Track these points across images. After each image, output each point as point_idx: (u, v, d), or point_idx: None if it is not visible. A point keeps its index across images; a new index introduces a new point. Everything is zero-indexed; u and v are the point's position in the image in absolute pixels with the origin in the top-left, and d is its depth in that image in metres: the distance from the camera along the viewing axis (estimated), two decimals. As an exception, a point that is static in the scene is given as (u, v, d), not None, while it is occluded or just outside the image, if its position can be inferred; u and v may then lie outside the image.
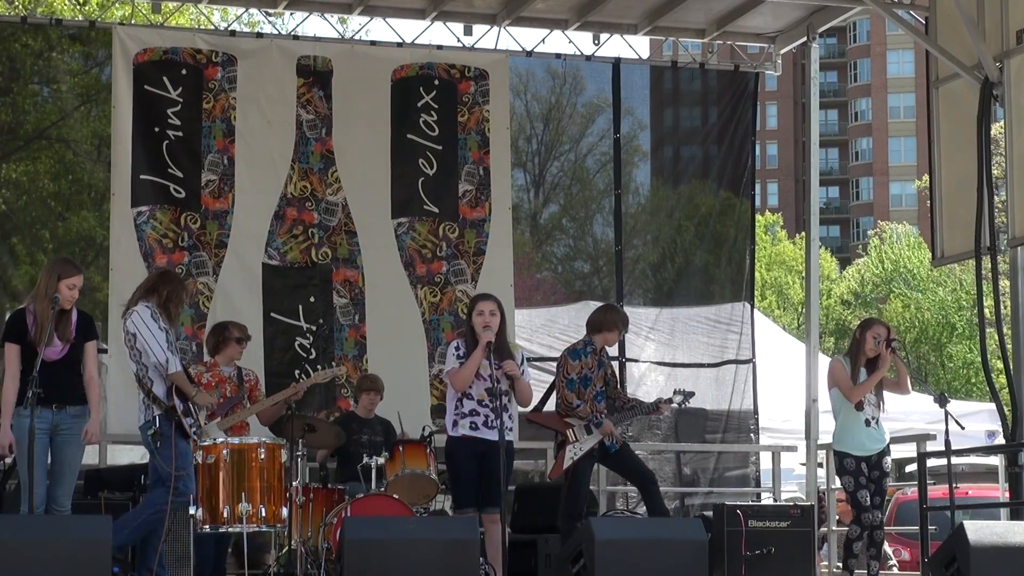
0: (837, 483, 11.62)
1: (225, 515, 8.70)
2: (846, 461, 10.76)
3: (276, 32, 13.97)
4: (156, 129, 12.83)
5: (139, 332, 9.14)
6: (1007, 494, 12.30)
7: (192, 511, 8.75)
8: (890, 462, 10.80)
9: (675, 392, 11.07)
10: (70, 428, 8.96)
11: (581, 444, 10.44)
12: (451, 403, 9.72)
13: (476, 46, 13.84)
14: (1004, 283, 16.02)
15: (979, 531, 9.24)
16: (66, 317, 8.99)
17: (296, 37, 13.77)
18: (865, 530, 10.65)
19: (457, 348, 9.71)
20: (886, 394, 10.99)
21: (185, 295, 9.49)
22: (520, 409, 10.46)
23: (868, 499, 10.67)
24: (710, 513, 11.50)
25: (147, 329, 9.13)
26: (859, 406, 10.72)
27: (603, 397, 10.64)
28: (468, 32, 13.79)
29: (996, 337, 14.14)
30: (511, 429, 9.68)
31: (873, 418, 10.73)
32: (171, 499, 8.89)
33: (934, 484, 13.29)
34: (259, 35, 13.70)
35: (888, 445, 10.80)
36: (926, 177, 15.43)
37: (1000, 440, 13.50)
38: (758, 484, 14.38)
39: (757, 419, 14.36)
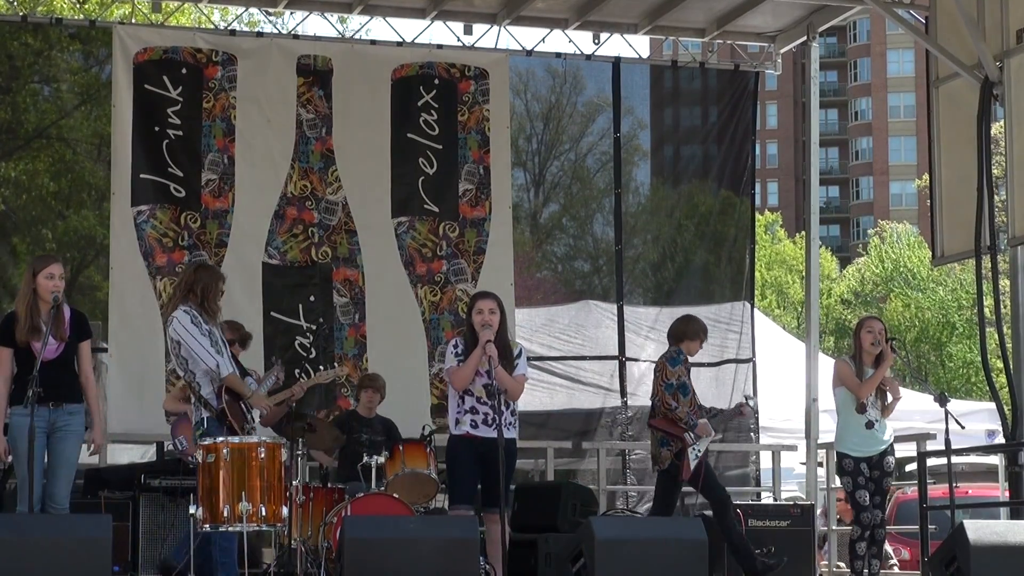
0: (837, 482, 11.63)
1: (225, 514, 8.69)
2: (845, 462, 10.76)
3: (276, 31, 13.97)
4: (156, 128, 12.83)
5: (183, 340, 9.06)
6: (1007, 493, 12.30)
7: (192, 510, 8.75)
8: (892, 462, 10.78)
9: (744, 396, 12.08)
10: (67, 425, 8.96)
11: (699, 445, 10.83)
12: (452, 401, 9.71)
13: (476, 45, 13.84)
14: (1004, 282, 16.01)
15: (979, 530, 9.23)
16: (60, 315, 8.97)
17: (296, 36, 13.78)
18: (866, 530, 10.65)
19: (456, 347, 9.69)
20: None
21: (222, 284, 9.40)
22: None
23: (867, 499, 10.66)
24: (710, 513, 11.50)
25: (190, 336, 9.05)
26: (861, 408, 10.72)
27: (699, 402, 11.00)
28: (468, 31, 13.79)
29: (996, 336, 14.13)
30: (514, 427, 9.66)
31: (876, 420, 10.72)
32: None
33: (934, 483, 13.28)
34: (259, 34, 13.71)
35: (891, 445, 10.79)
36: (926, 176, 15.43)
37: (1000, 439, 13.50)
38: (758, 483, 14.37)
39: (757, 419, 14.36)
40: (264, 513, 8.76)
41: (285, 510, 8.87)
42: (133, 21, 14.96)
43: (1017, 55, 12.11)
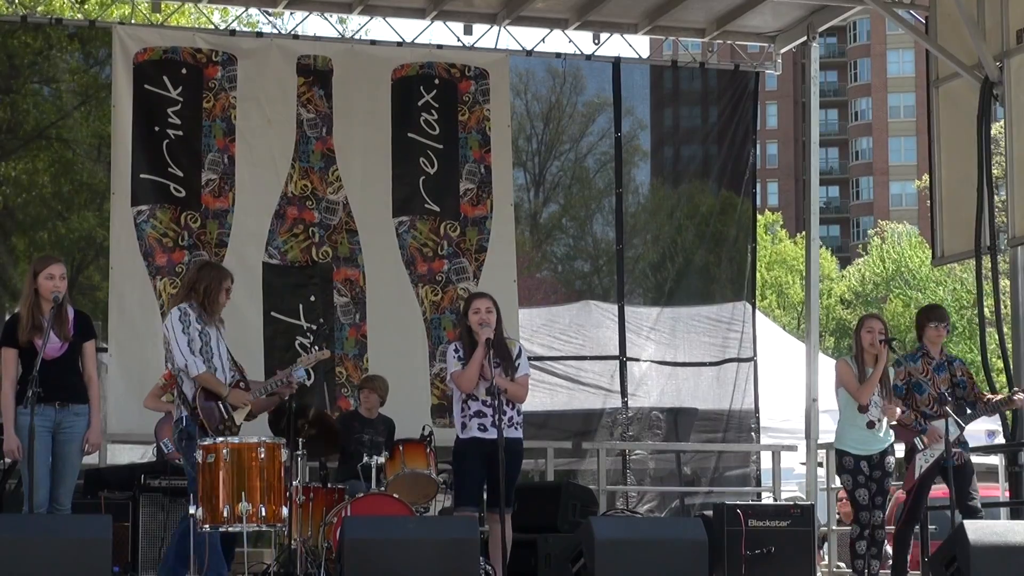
0: (837, 482, 11.61)
1: (225, 514, 8.69)
2: (845, 460, 10.75)
3: (276, 32, 13.96)
4: (156, 128, 12.83)
5: (167, 335, 9.15)
6: (1007, 494, 12.30)
7: (192, 510, 8.75)
8: (893, 462, 10.77)
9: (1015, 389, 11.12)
10: (72, 426, 8.96)
11: (930, 451, 10.37)
12: (457, 405, 9.69)
13: (476, 46, 13.84)
14: (1004, 283, 16.01)
15: (979, 531, 9.23)
16: (63, 314, 8.98)
17: (296, 36, 13.77)
18: (865, 529, 10.64)
19: (456, 350, 9.68)
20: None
21: (228, 282, 9.39)
22: None
23: (867, 498, 10.65)
24: (710, 513, 11.50)
25: (172, 332, 9.10)
26: (863, 408, 10.71)
27: (945, 400, 10.44)
28: (468, 31, 13.79)
29: (996, 336, 14.12)
30: (519, 426, 9.67)
31: (877, 420, 10.71)
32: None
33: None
34: (259, 35, 13.71)
35: (892, 445, 10.78)
36: (926, 177, 15.43)
37: (1000, 440, 13.50)
38: (758, 484, 14.37)
39: (758, 418, 14.36)
40: (264, 513, 8.76)
41: (285, 510, 8.87)
42: (133, 21, 14.97)
43: (1017, 55, 12.11)
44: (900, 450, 10.92)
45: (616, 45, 14.49)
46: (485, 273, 13.45)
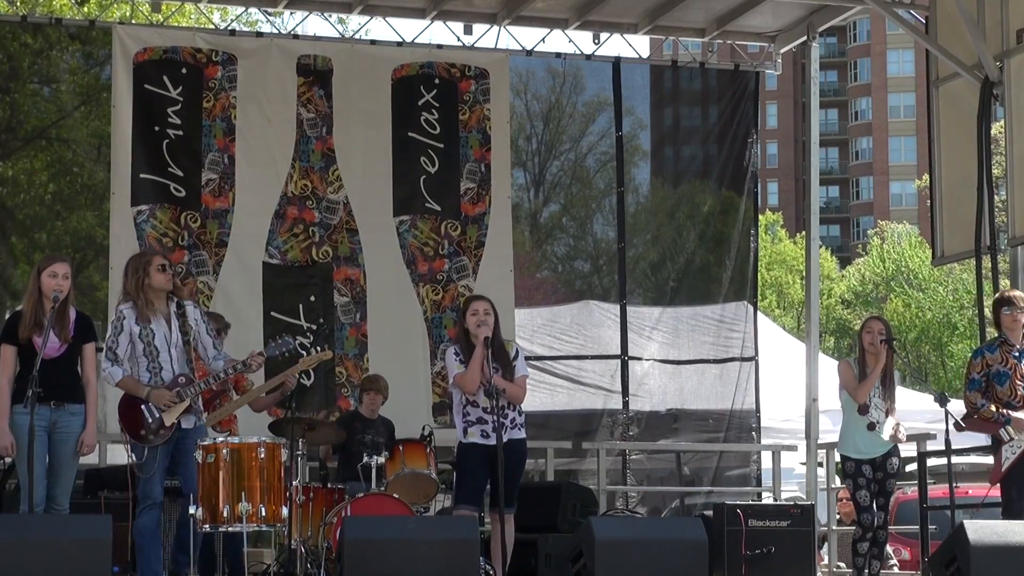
0: (837, 482, 11.63)
1: (225, 514, 8.69)
2: (846, 465, 10.76)
3: (276, 32, 13.96)
4: (156, 128, 12.83)
5: None
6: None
7: (192, 511, 8.75)
8: (896, 463, 10.76)
9: None
10: (68, 425, 8.97)
11: (1016, 442, 10.06)
12: (458, 412, 9.69)
13: (476, 45, 13.83)
14: (1004, 283, 16.01)
15: (979, 531, 9.22)
16: (64, 315, 8.99)
17: (296, 36, 13.77)
18: (868, 531, 10.64)
19: (457, 353, 9.70)
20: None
21: (155, 260, 9.25)
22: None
23: (868, 500, 10.65)
24: (710, 513, 11.50)
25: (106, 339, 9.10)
26: (863, 410, 10.70)
27: None
28: (468, 31, 13.78)
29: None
30: (522, 427, 9.68)
31: (878, 421, 10.70)
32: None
33: (934, 484, 13.28)
34: (259, 35, 13.71)
35: (895, 446, 10.77)
36: (926, 177, 15.43)
37: (1000, 440, 13.47)
38: (759, 484, 14.37)
39: (758, 418, 14.36)
40: (264, 513, 8.77)
41: (285, 510, 8.87)
42: (133, 21, 14.96)
43: (1017, 55, 12.11)
44: (901, 451, 10.91)
45: (616, 45, 14.49)
46: (483, 266, 13.45)
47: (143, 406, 9.01)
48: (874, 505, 10.66)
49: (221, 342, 10.20)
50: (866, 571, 10.66)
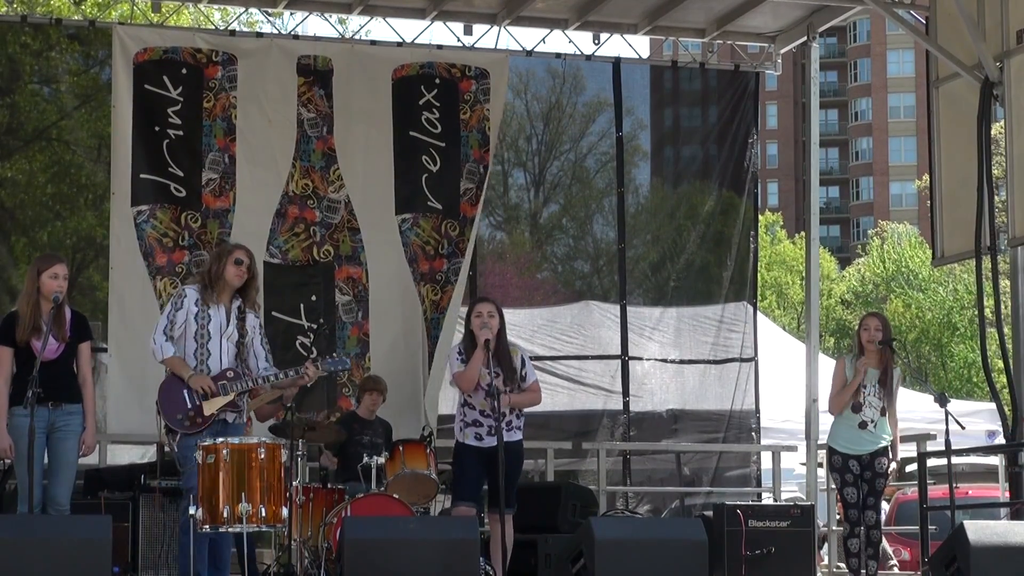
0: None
1: (225, 515, 8.69)
2: (834, 458, 10.80)
3: (276, 32, 13.96)
4: (156, 128, 12.82)
5: None
6: (1007, 494, 12.30)
7: (192, 511, 8.75)
8: (886, 463, 10.75)
9: None
10: (67, 425, 8.98)
11: None
12: (457, 410, 9.79)
13: (476, 46, 13.83)
14: (1004, 283, 16.01)
15: (979, 531, 9.24)
16: (62, 316, 8.98)
17: (296, 37, 13.76)
18: (855, 527, 10.65)
19: (460, 353, 9.77)
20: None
21: (235, 254, 9.26)
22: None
23: (855, 497, 10.66)
24: (710, 513, 11.50)
25: (163, 312, 9.19)
26: (856, 407, 10.72)
27: None
28: (468, 32, 13.78)
29: (997, 337, 14.13)
30: (517, 429, 9.70)
31: (871, 420, 10.71)
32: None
33: (934, 484, 13.29)
34: (259, 35, 13.70)
35: (886, 447, 10.77)
36: (926, 177, 15.43)
37: (1000, 440, 13.50)
38: (758, 484, 14.38)
39: (758, 419, 14.36)
40: (264, 514, 8.77)
41: (285, 511, 8.87)
42: (133, 21, 14.95)
43: (1017, 55, 12.11)
44: (901, 451, 10.91)
45: (616, 45, 14.49)
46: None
47: (184, 391, 9.03)
48: (865, 504, 10.66)
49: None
50: (862, 572, 10.66)
